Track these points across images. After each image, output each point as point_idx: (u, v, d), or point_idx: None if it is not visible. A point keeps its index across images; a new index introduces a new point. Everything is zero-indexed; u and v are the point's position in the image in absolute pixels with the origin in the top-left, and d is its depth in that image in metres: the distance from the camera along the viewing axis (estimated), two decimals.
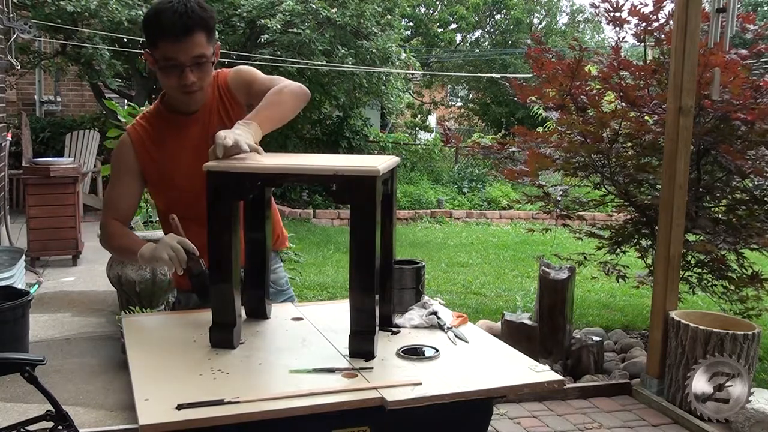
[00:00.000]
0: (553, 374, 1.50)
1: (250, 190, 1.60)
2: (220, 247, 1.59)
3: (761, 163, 3.96)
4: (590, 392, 3.61)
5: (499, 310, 4.86)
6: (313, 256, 7.01)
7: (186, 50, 1.78)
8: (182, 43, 1.77)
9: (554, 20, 18.41)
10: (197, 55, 1.80)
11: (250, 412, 1.28)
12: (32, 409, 2.65)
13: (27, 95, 10.14)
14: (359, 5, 8.68)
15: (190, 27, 1.76)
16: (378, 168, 1.50)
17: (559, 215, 4.77)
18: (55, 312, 4.75)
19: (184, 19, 1.76)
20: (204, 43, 1.80)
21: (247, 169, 1.58)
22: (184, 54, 1.79)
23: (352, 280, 1.54)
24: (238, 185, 1.56)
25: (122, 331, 1.98)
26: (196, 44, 1.79)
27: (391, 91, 9.92)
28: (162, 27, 1.77)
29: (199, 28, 1.78)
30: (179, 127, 1.95)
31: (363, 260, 1.53)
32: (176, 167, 1.93)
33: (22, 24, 6.68)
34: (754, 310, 4.14)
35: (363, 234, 1.52)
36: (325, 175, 1.55)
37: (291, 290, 2.23)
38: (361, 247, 1.53)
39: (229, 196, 1.58)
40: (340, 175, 1.51)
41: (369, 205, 1.50)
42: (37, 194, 5.84)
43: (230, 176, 1.56)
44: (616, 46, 4.35)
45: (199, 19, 1.78)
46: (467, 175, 11.40)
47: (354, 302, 1.55)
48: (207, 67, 1.85)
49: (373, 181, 1.49)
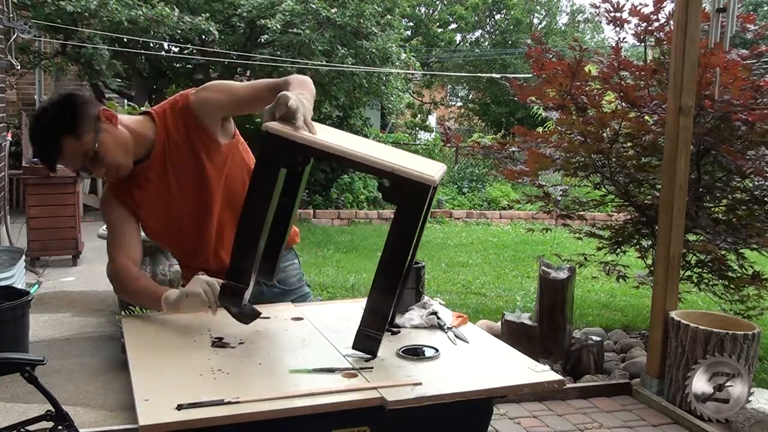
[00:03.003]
0: (553, 374, 1.50)
1: (301, 162, 1.56)
2: (255, 209, 1.56)
3: (761, 163, 3.95)
4: (590, 392, 3.61)
5: (499, 310, 4.86)
6: (313, 256, 7.01)
7: (69, 161, 1.76)
8: (62, 158, 1.75)
9: (554, 20, 18.42)
10: (81, 156, 1.75)
11: (250, 412, 1.28)
12: (32, 409, 2.65)
13: (27, 95, 10.13)
14: (359, 5, 8.68)
15: (54, 144, 1.72)
16: (435, 178, 1.47)
17: (559, 215, 4.77)
18: (55, 312, 4.75)
19: (46, 142, 1.73)
20: (74, 145, 1.73)
21: (308, 141, 1.50)
22: (72, 163, 1.77)
23: (376, 280, 1.51)
24: (291, 154, 1.51)
25: (122, 331, 1.97)
26: (70, 152, 1.74)
27: (391, 91, 9.92)
28: (42, 158, 1.77)
29: (61, 137, 1.72)
30: (139, 174, 1.89)
31: (394, 262, 1.50)
32: (143, 212, 1.93)
33: (22, 24, 6.68)
34: (754, 310, 4.14)
35: (401, 237, 1.49)
36: (381, 170, 1.49)
37: (305, 288, 2.18)
38: (395, 249, 1.49)
39: (280, 162, 1.53)
40: (396, 175, 1.47)
41: (416, 211, 1.48)
42: (37, 194, 5.84)
43: (286, 143, 1.50)
44: (616, 46, 4.36)
45: (55, 129, 1.72)
46: (467, 175, 11.40)
47: (371, 301, 1.53)
48: (102, 153, 1.76)
49: (426, 189, 1.46)
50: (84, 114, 1.75)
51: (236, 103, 1.85)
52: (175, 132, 1.85)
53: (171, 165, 1.87)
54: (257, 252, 1.61)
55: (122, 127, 1.81)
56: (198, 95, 1.84)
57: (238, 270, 1.61)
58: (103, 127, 1.77)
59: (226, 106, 1.85)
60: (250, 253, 1.59)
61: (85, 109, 1.75)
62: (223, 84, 1.88)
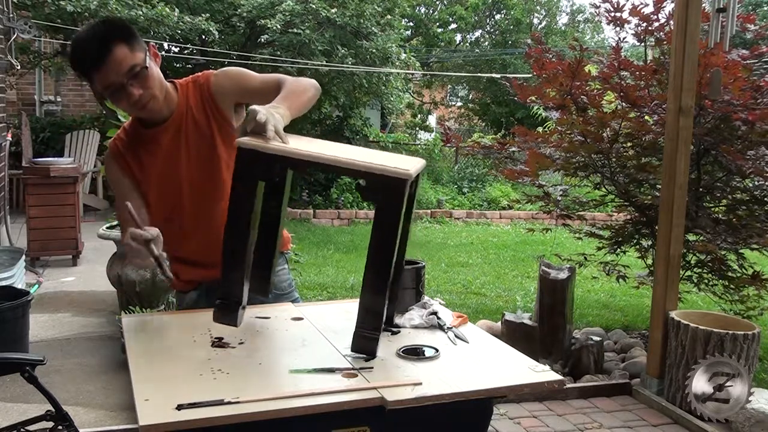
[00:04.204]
0: (553, 374, 1.50)
1: (278, 173, 1.57)
2: (238, 224, 1.57)
3: (761, 163, 3.95)
4: (590, 392, 3.61)
5: (499, 310, 4.86)
6: (313, 256, 7.01)
7: (114, 70, 1.75)
8: (107, 64, 1.74)
9: (554, 20, 18.40)
10: (128, 68, 1.76)
11: (250, 412, 1.28)
12: (32, 409, 2.64)
13: (27, 95, 10.14)
14: (359, 5, 8.68)
15: (107, 47, 1.73)
16: (410, 172, 1.48)
17: (559, 215, 4.77)
18: (55, 312, 4.75)
19: (98, 43, 1.73)
20: (128, 53, 1.75)
21: (279, 151, 1.53)
22: (115, 74, 1.75)
23: (365, 280, 1.52)
24: (267, 166, 1.53)
25: (122, 331, 1.97)
26: (120, 60, 1.74)
27: (391, 91, 9.92)
28: (83, 59, 1.76)
29: (115, 42, 1.74)
30: (151, 138, 1.92)
31: (380, 260, 1.51)
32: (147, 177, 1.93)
33: (22, 24, 6.69)
34: (754, 310, 4.14)
35: (384, 235, 1.50)
36: (356, 170, 1.51)
37: (295, 294, 2.20)
38: (379, 247, 1.50)
39: (256, 175, 1.55)
40: (371, 173, 1.48)
41: (395, 207, 1.48)
42: (37, 194, 5.84)
43: (261, 155, 1.52)
44: (616, 46, 4.36)
45: (111, 34, 1.75)
46: (467, 175, 11.39)
47: (364, 301, 1.54)
48: (147, 74, 1.80)
49: (403, 184, 1.47)
50: (138, 35, 1.81)
51: (247, 93, 1.92)
52: (194, 105, 1.92)
53: (185, 134, 1.91)
54: (246, 267, 1.61)
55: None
56: (217, 78, 1.92)
57: (230, 287, 1.61)
58: (150, 56, 1.83)
59: (237, 94, 1.92)
60: (239, 269, 1.60)
61: (137, 33, 1.83)
62: (239, 72, 1.94)
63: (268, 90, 1.82)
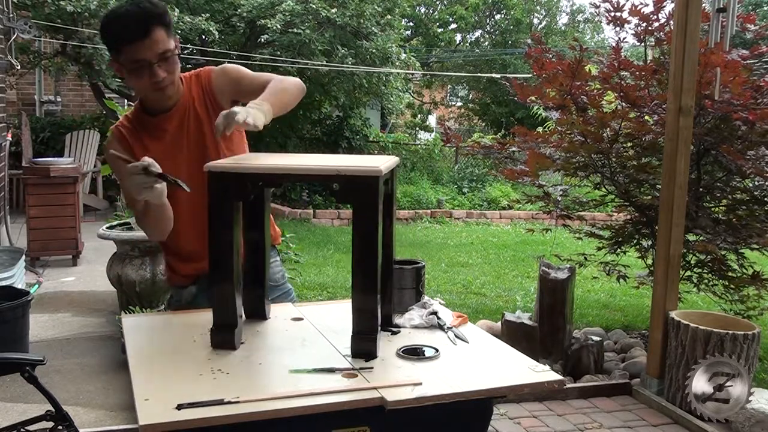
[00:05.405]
0: (553, 374, 1.50)
1: (252, 191, 1.60)
2: (221, 247, 1.58)
3: (761, 163, 3.95)
4: (590, 392, 3.61)
5: (499, 310, 4.86)
6: (313, 256, 7.01)
7: (150, 48, 1.81)
8: (145, 41, 1.80)
9: (554, 20, 18.41)
10: (162, 51, 1.83)
11: (250, 412, 1.28)
12: (32, 409, 2.64)
13: (27, 95, 10.13)
14: (359, 5, 8.68)
15: (148, 26, 1.80)
16: (380, 168, 1.50)
17: (559, 215, 4.77)
18: (55, 312, 4.75)
19: (141, 19, 1.79)
20: (165, 37, 1.83)
21: (249, 169, 1.58)
22: (150, 52, 1.81)
23: (354, 281, 1.54)
24: (239, 185, 1.56)
25: (122, 331, 1.97)
26: (158, 41, 1.81)
27: (391, 91, 9.92)
28: (122, 31, 1.81)
29: (156, 24, 1.81)
30: (155, 125, 1.97)
31: (365, 260, 1.53)
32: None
33: (22, 24, 6.69)
34: (754, 310, 4.14)
35: (365, 234, 1.52)
36: (328, 175, 1.54)
37: (288, 285, 2.23)
38: (362, 247, 1.53)
39: (231, 197, 1.58)
40: (342, 175, 1.51)
41: (371, 205, 1.50)
42: (37, 194, 5.84)
43: (232, 176, 1.56)
44: (616, 46, 4.35)
45: (156, 15, 1.81)
46: (467, 175, 11.39)
47: (356, 303, 1.55)
48: (173, 61, 1.88)
49: (375, 181, 1.49)
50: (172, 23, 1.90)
51: (243, 91, 1.97)
52: (196, 98, 1.98)
53: (187, 124, 1.96)
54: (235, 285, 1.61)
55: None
56: (216, 74, 2.00)
57: (222, 314, 1.61)
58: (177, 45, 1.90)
59: (233, 91, 1.98)
60: (229, 296, 1.60)
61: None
62: (237, 70, 2.02)
63: (262, 89, 1.88)
